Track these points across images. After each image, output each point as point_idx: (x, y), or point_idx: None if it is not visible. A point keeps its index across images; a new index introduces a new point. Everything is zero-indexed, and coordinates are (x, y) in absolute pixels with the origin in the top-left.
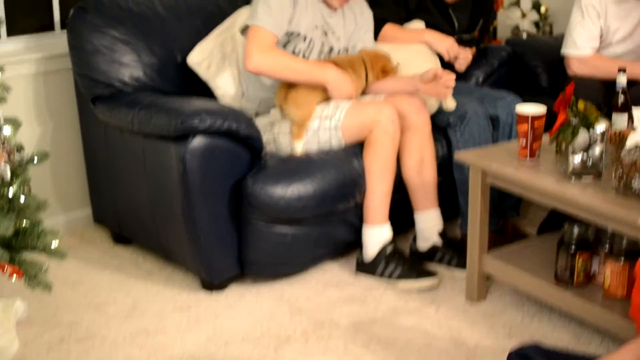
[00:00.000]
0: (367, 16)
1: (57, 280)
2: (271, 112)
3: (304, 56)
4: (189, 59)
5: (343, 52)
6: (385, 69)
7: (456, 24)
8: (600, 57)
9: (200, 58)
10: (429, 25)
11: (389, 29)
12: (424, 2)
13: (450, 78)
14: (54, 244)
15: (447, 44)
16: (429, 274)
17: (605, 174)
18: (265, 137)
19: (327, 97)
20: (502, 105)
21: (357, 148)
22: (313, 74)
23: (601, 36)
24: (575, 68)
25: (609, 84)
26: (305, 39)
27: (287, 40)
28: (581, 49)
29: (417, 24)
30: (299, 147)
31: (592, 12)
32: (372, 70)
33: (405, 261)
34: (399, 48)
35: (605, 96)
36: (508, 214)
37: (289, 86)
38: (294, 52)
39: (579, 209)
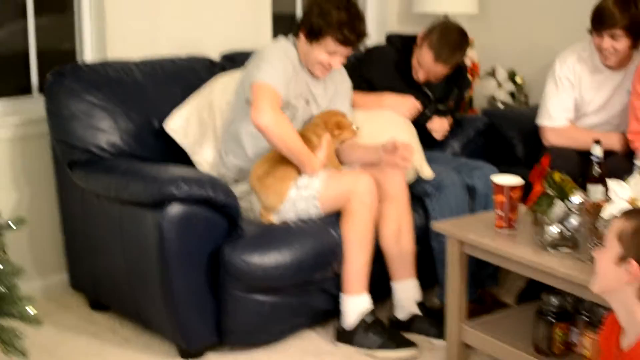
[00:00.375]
0: (346, 85)
1: (33, 347)
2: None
3: None
4: (167, 126)
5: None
6: (339, 125)
7: (431, 96)
8: (575, 128)
9: (178, 125)
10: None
11: (356, 97)
12: (392, 83)
13: (407, 151)
14: (30, 310)
15: (406, 106)
16: (409, 344)
17: (582, 245)
18: (243, 205)
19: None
20: (478, 175)
21: (335, 217)
22: (303, 158)
23: (576, 107)
24: (551, 139)
25: (585, 154)
26: (289, 106)
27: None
28: (556, 119)
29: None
30: (273, 219)
31: (566, 83)
32: (327, 127)
33: (385, 331)
34: (374, 116)
35: (580, 166)
36: (486, 283)
37: (265, 171)
38: None
39: (556, 279)
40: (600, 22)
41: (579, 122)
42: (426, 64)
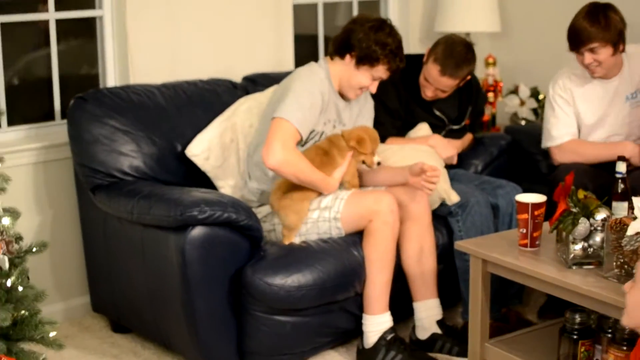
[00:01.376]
0: (369, 106)
1: None
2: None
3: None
4: (188, 151)
5: None
6: (359, 139)
7: (444, 118)
8: (579, 141)
9: (199, 150)
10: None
11: (392, 141)
12: (408, 105)
13: (434, 174)
14: (52, 334)
15: (449, 153)
16: None
17: (606, 262)
18: (265, 227)
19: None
20: (502, 193)
21: (357, 237)
22: (319, 184)
23: (577, 123)
24: (557, 157)
25: (597, 167)
26: (316, 133)
27: (309, 138)
28: (557, 138)
29: (422, 126)
30: (295, 240)
31: (560, 101)
32: (348, 143)
33: (406, 348)
34: (404, 146)
35: (592, 178)
36: (510, 301)
37: (283, 191)
38: (302, 145)
39: (580, 297)
40: (575, 41)
41: (584, 139)
42: (433, 79)
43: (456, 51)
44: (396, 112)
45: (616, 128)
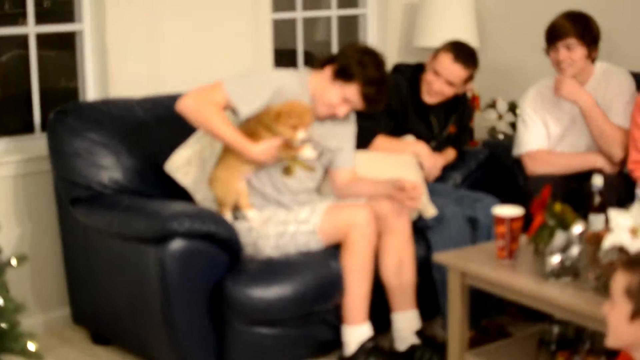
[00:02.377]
0: (349, 129)
1: None
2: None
3: None
4: (167, 167)
5: (325, 153)
6: (277, 114)
7: (434, 127)
8: (550, 151)
9: (178, 164)
10: (408, 131)
11: (381, 140)
12: (406, 109)
13: (414, 194)
14: (32, 346)
15: (431, 162)
16: None
17: (584, 274)
18: (244, 241)
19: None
20: (480, 207)
21: (335, 249)
22: (236, 145)
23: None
24: (529, 166)
25: (566, 177)
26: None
27: None
28: (526, 145)
29: (410, 138)
30: (273, 252)
31: (531, 113)
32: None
33: (385, 356)
34: (384, 154)
35: (561, 188)
36: (490, 313)
37: (216, 166)
38: None
39: (558, 308)
40: (553, 35)
41: (558, 147)
42: (444, 68)
43: (466, 46)
44: (393, 112)
45: (582, 142)
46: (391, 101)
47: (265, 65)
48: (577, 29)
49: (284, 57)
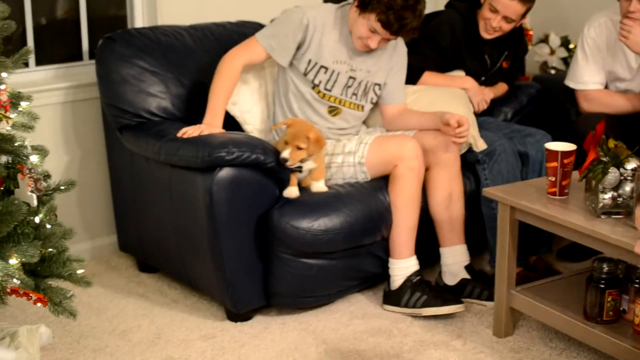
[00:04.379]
0: (401, 54)
1: (82, 307)
2: None
3: (325, 87)
4: None
5: (371, 87)
6: (299, 147)
7: (488, 63)
8: (607, 92)
9: None
10: (460, 67)
11: (428, 76)
12: (458, 49)
13: (461, 132)
14: (80, 271)
15: (479, 98)
16: (455, 301)
17: (636, 212)
18: None
19: None
20: (531, 142)
21: (383, 182)
22: (209, 106)
23: (607, 71)
24: (583, 105)
25: (618, 117)
26: (326, 71)
27: (308, 69)
28: (583, 84)
29: (459, 73)
30: (322, 187)
31: (593, 46)
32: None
33: (431, 289)
34: (435, 89)
35: (613, 129)
36: (539, 250)
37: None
38: (313, 82)
39: (608, 246)
40: None
41: (612, 86)
42: (502, 5)
43: None
44: (444, 50)
45: (636, 89)
46: (441, 37)
47: None
48: None
49: None
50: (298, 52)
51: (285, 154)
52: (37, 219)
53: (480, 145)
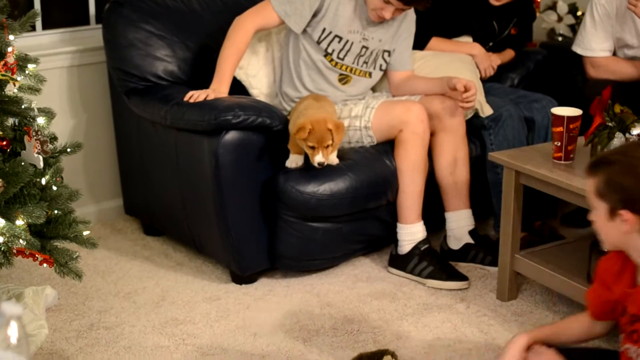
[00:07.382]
0: (409, 21)
1: (88, 269)
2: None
3: (338, 56)
4: None
5: (380, 54)
6: (327, 145)
7: (497, 29)
8: (614, 59)
9: None
10: (468, 33)
11: (435, 42)
12: (467, 15)
13: (468, 96)
14: (85, 233)
15: (486, 64)
16: (460, 277)
17: None
18: None
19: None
20: (537, 107)
21: (389, 146)
22: (217, 69)
23: (615, 38)
24: (590, 72)
25: (625, 84)
26: (340, 40)
27: (321, 38)
28: (591, 51)
29: (466, 39)
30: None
31: (602, 12)
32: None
33: (438, 261)
34: (442, 54)
35: (622, 92)
36: (543, 215)
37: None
38: (326, 51)
39: None
40: None
41: (620, 52)
42: None
43: None
44: (452, 16)
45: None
46: (449, 3)
47: None
48: None
49: None
50: (313, 20)
51: (320, 159)
52: (43, 181)
53: (486, 110)
